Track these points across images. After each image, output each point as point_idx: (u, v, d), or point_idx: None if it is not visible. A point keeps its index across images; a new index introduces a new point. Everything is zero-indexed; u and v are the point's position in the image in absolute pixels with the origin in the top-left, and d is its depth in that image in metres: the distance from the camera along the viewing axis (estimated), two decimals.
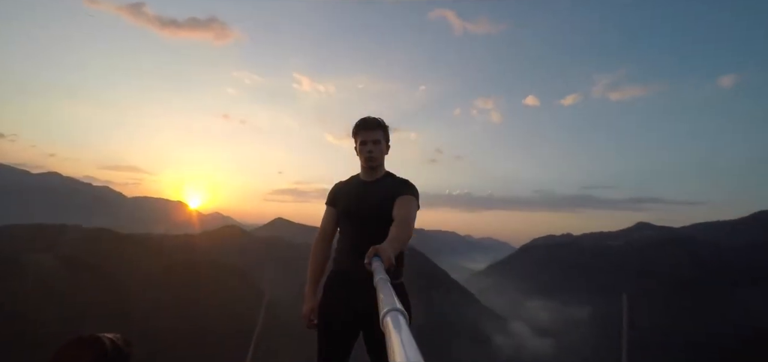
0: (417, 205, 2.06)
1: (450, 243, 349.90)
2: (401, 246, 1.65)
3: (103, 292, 50.83)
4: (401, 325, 0.93)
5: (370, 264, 1.24)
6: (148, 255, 67.08)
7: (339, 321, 2.07)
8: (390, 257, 1.32)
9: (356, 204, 2.13)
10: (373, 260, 1.26)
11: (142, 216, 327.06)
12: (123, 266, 58.40)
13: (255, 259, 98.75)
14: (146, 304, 52.21)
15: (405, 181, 2.15)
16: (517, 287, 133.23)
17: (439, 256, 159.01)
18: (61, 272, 51.68)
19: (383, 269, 1.17)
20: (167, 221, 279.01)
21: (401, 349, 0.92)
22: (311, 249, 2.24)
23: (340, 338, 2.08)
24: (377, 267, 1.18)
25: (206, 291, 60.57)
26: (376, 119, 2.16)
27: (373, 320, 1.84)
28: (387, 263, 1.27)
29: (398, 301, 0.93)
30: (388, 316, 0.93)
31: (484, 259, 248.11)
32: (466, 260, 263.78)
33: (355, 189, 2.20)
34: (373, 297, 0.92)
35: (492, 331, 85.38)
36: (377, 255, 1.29)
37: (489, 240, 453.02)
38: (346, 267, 2.10)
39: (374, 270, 1.17)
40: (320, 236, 2.26)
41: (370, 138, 2.12)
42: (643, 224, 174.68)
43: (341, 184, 2.29)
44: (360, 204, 2.12)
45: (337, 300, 2.10)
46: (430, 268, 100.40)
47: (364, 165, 2.17)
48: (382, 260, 1.27)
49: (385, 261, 1.26)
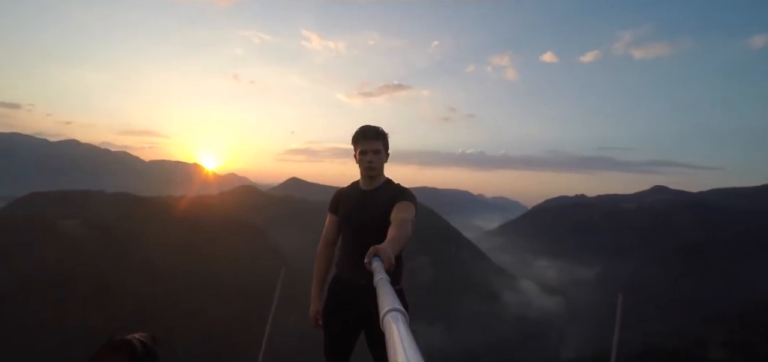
0: (415, 211, 2.12)
1: (463, 202, 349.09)
2: (401, 247, 1.70)
3: (130, 254, 53.56)
4: (401, 325, 0.94)
5: (370, 263, 1.26)
6: (170, 216, 69.70)
7: (341, 322, 2.27)
8: (390, 257, 1.33)
9: (356, 213, 2.24)
10: (373, 260, 1.27)
11: (160, 178, 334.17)
12: (147, 228, 60.97)
13: (271, 218, 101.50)
14: (171, 264, 54.87)
15: (403, 189, 2.23)
16: (528, 246, 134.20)
17: (452, 215, 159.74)
18: (89, 236, 54.49)
19: (383, 269, 1.19)
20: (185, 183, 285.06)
21: (401, 349, 0.94)
22: (316, 255, 2.42)
23: (343, 337, 2.30)
24: (377, 268, 1.20)
25: (226, 250, 63.18)
26: (376, 129, 2.22)
27: (373, 320, 2.05)
28: (387, 263, 1.28)
29: (398, 301, 0.95)
30: (389, 316, 0.94)
31: (496, 218, 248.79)
32: (479, 219, 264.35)
33: (354, 197, 2.28)
34: (372, 301, 0.93)
35: (501, 288, 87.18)
36: (377, 255, 1.31)
37: (502, 200, 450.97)
38: (347, 273, 2.26)
39: (374, 270, 1.19)
40: (323, 242, 2.41)
41: (370, 147, 2.18)
42: (660, 187, 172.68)
43: (342, 191, 2.39)
44: (359, 213, 2.22)
45: (339, 304, 2.27)
46: (442, 226, 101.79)
47: (364, 174, 2.24)
48: (382, 260, 1.28)
49: (385, 262, 1.28)
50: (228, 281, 55.80)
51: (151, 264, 50.27)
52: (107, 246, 52.64)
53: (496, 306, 79.61)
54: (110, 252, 51.68)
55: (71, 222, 55.46)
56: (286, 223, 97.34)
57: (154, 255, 52.40)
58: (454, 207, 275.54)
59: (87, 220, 57.48)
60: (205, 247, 61.59)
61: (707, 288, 79.09)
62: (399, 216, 1.94)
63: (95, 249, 51.47)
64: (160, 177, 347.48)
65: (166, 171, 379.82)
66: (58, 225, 53.70)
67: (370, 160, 2.18)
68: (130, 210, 67.12)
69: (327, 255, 2.41)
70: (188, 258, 57.61)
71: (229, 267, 58.99)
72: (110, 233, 56.13)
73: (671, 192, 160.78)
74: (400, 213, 1.97)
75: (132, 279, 48.17)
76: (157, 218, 65.99)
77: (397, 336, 0.94)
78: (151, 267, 49.73)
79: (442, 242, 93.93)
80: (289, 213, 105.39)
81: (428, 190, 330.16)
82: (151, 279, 46.99)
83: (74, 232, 53.74)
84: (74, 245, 50.97)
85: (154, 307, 45.75)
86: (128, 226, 59.96)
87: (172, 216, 69.66)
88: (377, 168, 2.22)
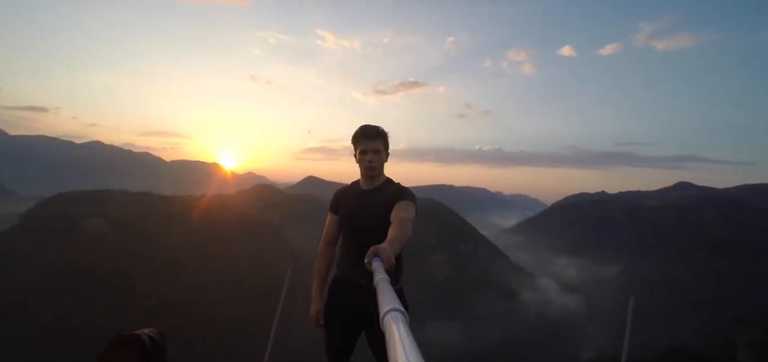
0: (415, 210, 2.10)
1: (480, 200, 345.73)
2: (401, 247, 1.69)
3: (151, 250, 54.78)
4: (401, 325, 0.95)
5: (370, 263, 1.25)
6: (190, 215, 71.03)
7: (341, 322, 2.28)
8: (390, 257, 1.33)
9: (356, 213, 2.24)
10: (374, 260, 1.27)
11: (181, 178, 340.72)
12: (168, 226, 62.26)
13: (289, 216, 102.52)
14: (190, 260, 55.93)
15: (403, 188, 2.22)
16: (547, 244, 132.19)
17: (469, 212, 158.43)
18: (113, 233, 55.96)
19: (383, 269, 1.19)
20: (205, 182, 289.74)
21: (401, 349, 0.94)
22: (317, 255, 2.43)
23: (343, 337, 2.31)
24: (377, 267, 1.20)
25: (244, 248, 64.06)
26: (376, 128, 2.21)
27: (372, 320, 2.06)
28: (387, 263, 1.28)
29: (398, 301, 0.95)
30: (389, 316, 0.95)
31: (514, 216, 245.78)
32: (496, 216, 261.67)
33: (354, 197, 2.28)
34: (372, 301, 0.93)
35: (519, 287, 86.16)
36: (377, 255, 1.30)
37: (520, 197, 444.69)
38: (347, 273, 2.26)
39: (374, 270, 1.18)
40: (324, 242, 2.41)
41: (371, 147, 2.18)
42: (684, 184, 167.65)
43: (342, 191, 2.40)
44: (359, 213, 2.22)
45: (339, 304, 2.28)
46: (459, 224, 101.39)
47: (364, 173, 2.24)
48: (382, 260, 1.28)
49: (385, 261, 1.27)
50: (246, 278, 56.53)
51: (172, 261, 51.34)
52: (130, 244, 53.95)
53: (514, 304, 78.74)
54: (132, 249, 52.97)
55: (95, 221, 57.05)
56: (304, 221, 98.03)
57: (175, 253, 53.47)
58: (471, 205, 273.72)
59: (110, 219, 59.04)
60: (223, 245, 62.54)
61: (734, 287, 76.77)
62: (399, 216, 1.94)
63: (118, 247, 52.84)
64: (181, 176, 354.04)
65: (186, 171, 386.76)
66: (83, 224, 55.30)
67: (371, 159, 2.18)
68: (151, 209, 68.60)
69: (327, 255, 2.41)
70: (207, 255, 58.60)
71: (247, 264, 59.75)
72: (133, 231, 57.50)
73: (696, 188, 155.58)
74: (400, 213, 1.97)
75: (153, 275, 49.25)
76: (177, 217, 67.28)
77: (397, 336, 0.95)
78: (172, 264, 50.79)
79: (459, 240, 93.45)
80: (306, 212, 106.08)
81: (445, 188, 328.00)
82: (171, 276, 48.00)
83: (98, 231, 55.26)
84: (98, 243, 52.40)
85: (174, 303, 46.70)
86: (150, 225, 61.33)
87: (192, 215, 70.93)
88: (377, 167, 2.22)
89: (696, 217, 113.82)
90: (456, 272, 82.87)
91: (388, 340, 0.95)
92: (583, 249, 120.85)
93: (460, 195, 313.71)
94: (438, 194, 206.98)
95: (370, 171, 2.21)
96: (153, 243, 56.64)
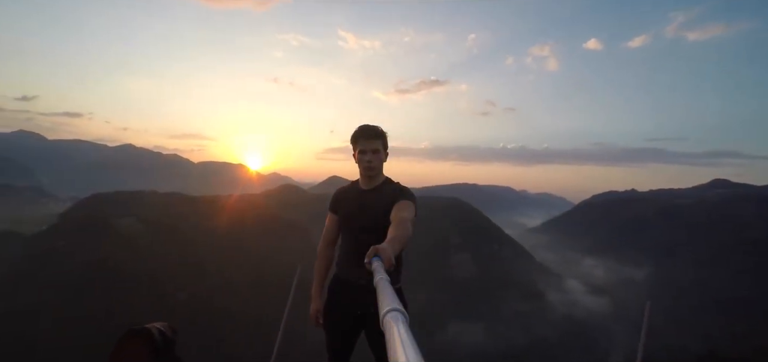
0: (415, 210, 2.11)
1: (504, 199, 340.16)
2: (401, 247, 1.70)
3: (180, 248, 56.46)
4: (401, 325, 0.95)
5: (371, 263, 1.25)
6: (217, 214, 72.87)
7: (340, 322, 2.30)
8: (390, 257, 1.32)
9: (355, 212, 2.25)
10: (374, 260, 1.27)
11: (208, 179, 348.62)
12: (195, 226, 64.07)
13: (313, 216, 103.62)
14: (218, 259, 57.37)
15: (403, 188, 2.23)
16: (574, 244, 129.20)
17: (493, 211, 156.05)
18: (144, 232, 57.96)
19: (383, 269, 1.19)
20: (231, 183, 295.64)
21: (401, 349, 0.95)
22: (317, 254, 2.45)
23: (343, 337, 2.33)
24: (377, 267, 1.20)
25: (269, 247, 65.24)
26: (375, 128, 2.22)
27: (371, 320, 2.13)
28: (387, 263, 1.27)
29: (398, 301, 0.95)
30: (389, 316, 0.95)
31: (540, 215, 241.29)
32: (521, 216, 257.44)
33: (354, 197, 2.30)
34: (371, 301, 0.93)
35: (545, 287, 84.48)
36: (377, 255, 1.30)
37: (545, 196, 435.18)
38: (346, 273, 2.27)
39: (374, 270, 1.18)
40: (323, 241, 2.44)
41: (369, 147, 2.19)
42: (720, 181, 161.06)
43: (342, 191, 2.42)
44: (359, 212, 2.23)
45: (338, 304, 2.30)
46: (483, 223, 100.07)
47: (363, 173, 2.26)
48: (382, 260, 1.27)
49: (385, 261, 1.27)
50: (272, 277, 57.51)
51: (200, 259, 52.81)
52: (159, 243, 55.74)
53: (539, 305, 77.22)
54: (162, 248, 54.68)
55: (127, 221, 59.21)
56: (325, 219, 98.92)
57: (202, 251, 54.97)
58: (495, 204, 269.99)
59: (141, 219, 61.14)
60: (249, 243, 63.86)
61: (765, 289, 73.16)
62: (399, 216, 1.94)
63: (148, 245, 54.66)
64: (208, 177, 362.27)
65: (213, 172, 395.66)
66: (116, 224, 57.47)
67: (369, 159, 2.19)
68: (180, 209, 70.77)
69: (327, 254, 2.43)
70: (234, 253, 59.95)
71: (273, 263, 60.78)
72: (162, 230, 59.37)
73: (732, 185, 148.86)
74: (399, 213, 1.97)
75: (182, 273, 50.75)
76: (205, 216, 69.08)
77: (397, 336, 0.95)
78: (200, 262, 52.24)
79: (484, 239, 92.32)
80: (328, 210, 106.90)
81: (468, 187, 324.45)
82: (199, 274, 49.41)
83: (130, 230, 57.31)
84: (130, 242, 54.35)
85: (202, 300, 48.01)
86: (179, 224, 63.20)
87: (220, 215, 72.69)
88: (376, 167, 2.23)
89: (731, 216, 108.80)
90: (480, 272, 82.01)
91: (388, 340, 0.95)
92: (611, 249, 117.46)
93: (484, 194, 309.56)
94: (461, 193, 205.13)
95: (369, 171, 2.22)
96: (182, 242, 58.35)
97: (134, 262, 50.10)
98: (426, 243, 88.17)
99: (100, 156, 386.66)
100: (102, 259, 48.99)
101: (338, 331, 2.33)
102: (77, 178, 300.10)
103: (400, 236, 1.71)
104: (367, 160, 2.19)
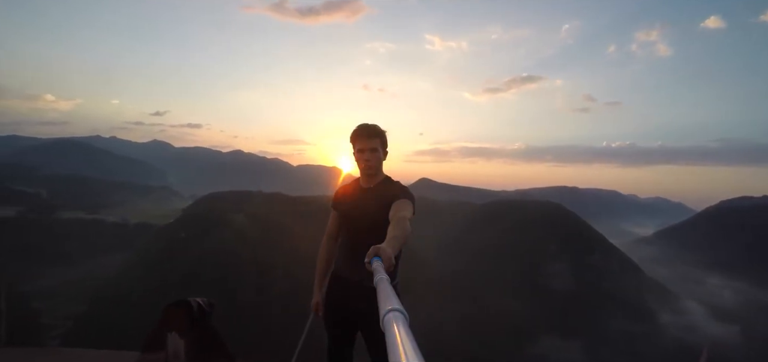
0: (413, 209, 2.12)
1: (609, 204, 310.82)
2: (400, 246, 1.70)
3: (283, 242, 61.11)
4: (401, 325, 0.94)
5: (370, 263, 1.24)
6: (315, 213, 77.40)
7: (340, 319, 2.30)
8: (390, 257, 1.31)
9: (354, 210, 2.27)
10: (374, 260, 1.26)
11: (306, 181, 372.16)
12: (295, 222, 68.88)
13: None
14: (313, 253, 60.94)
15: (402, 187, 2.26)
16: (694, 258, 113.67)
17: (596, 218, 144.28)
18: (252, 227, 63.90)
19: (383, 269, 1.17)
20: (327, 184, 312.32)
21: (401, 349, 0.94)
22: (320, 248, 2.51)
23: (342, 334, 2.34)
24: (377, 267, 1.18)
25: None
26: (373, 127, 2.22)
27: (369, 320, 2.12)
28: (387, 263, 1.26)
29: (399, 301, 0.94)
30: (389, 316, 0.94)
31: (652, 223, 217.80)
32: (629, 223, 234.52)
33: (353, 194, 2.33)
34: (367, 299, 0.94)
35: (657, 306, 75.40)
36: (377, 255, 1.29)
37: (659, 201, 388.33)
38: (344, 270, 2.27)
39: (374, 270, 1.17)
40: (326, 237, 2.50)
41: (368, 146, 2.19)
42: None
43: (343, 188, 2.43)
44: (357, 210, 2.25)
45: (336, 301, 2.30)
46: (583, 230, 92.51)
47: (362, 172, 2.29)
48: (382, 260, 1.26)
49: (385, 262, 1.26)
50: None
51: (298, 252, 56.38)
52: (265, 237, 61.13)
53: (649, 327, 69.02)
54: (267, 241, 59.92)
55: (238, 217, 65.82)
56: (420, 222, 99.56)
57: (301, 245, 58.60)
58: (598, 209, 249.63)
59: (249, 215, 67.53)
60: None
61: None
62: (398, 215, 1.93)
63: (256, 238, 60.27)
64: (306, 179, 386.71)
65: (310, 174, 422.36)
66: (229, 219, 64.27)
67: (368, 158, 2.20)
68: (282, 208, 76.61)
69: (328, 248, 2.49)
70: None
71: None
72: (267, 226, 64.97)
73: None
74: (398, 212, 1.96)
75: (283, 263, 55.09)
76: (303, 214, 73.79)
77: (397, 336, 0.94)
78: (298, 254, 55.78)
79: (584, 249, 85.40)
80: (421, 213, 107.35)
81: (567, 190, 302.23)
82: (298, 264, 52.76)
83: (240, 225, 63.60)
84: (240, 235, 60.39)
85: (303, 286, 51.56)
86: (281, 220, 68.72)
87: (316, 212, 77.15)
88: (374, 166, 2.24)
89: None
90: (579, 284, 76.07)
91: (388, 340, 0.94)
92: (743, 267, 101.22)
93: (585, 198, 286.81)
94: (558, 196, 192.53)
95: (368, 170, 2.23)
96: (284, 236, 63.26)
97: (244, 252, 55.74)
98: (519, 249, 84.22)
99: (216, 160, 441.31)
100: (218, 249, 55.29)
101: (338, 328, 2.34)
102: (197, 179, 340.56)
103: (399, 235, 1.70)
104: (366, 159, 2.21)
